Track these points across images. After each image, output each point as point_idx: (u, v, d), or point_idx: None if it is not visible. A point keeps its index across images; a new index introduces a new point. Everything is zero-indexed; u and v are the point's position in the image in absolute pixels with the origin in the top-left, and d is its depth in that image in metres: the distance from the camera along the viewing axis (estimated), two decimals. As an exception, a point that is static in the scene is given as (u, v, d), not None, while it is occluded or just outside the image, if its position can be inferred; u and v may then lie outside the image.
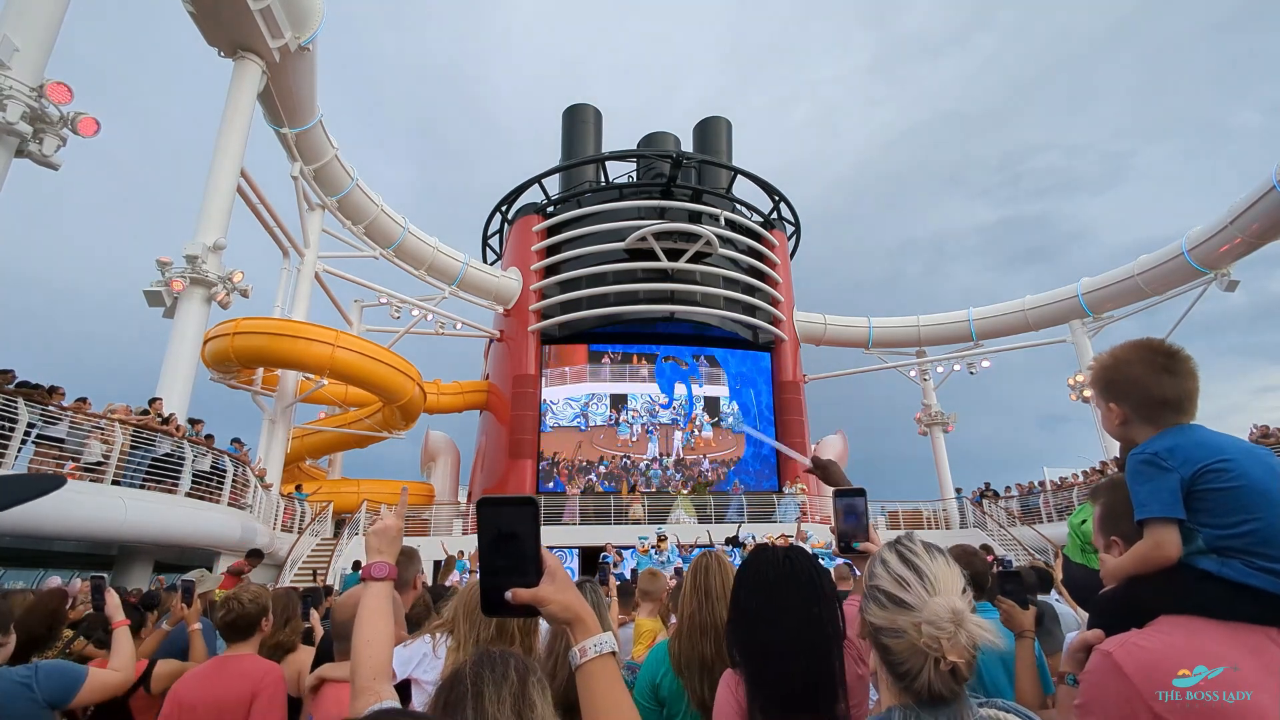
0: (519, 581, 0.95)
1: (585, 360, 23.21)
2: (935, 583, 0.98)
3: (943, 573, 1.00)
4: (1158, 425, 1.32)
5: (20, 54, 9.02)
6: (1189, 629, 1.11)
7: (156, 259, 12.36)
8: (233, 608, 2.50)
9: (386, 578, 1.45)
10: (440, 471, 25.41)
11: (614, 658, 0.98)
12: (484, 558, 0.97)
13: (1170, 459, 1.23)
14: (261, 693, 2.29)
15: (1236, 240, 18.24)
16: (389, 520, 1.57)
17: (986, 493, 21.37)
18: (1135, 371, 1.35)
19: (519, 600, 0.95)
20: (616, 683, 0.97)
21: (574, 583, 1.06)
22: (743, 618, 1.46)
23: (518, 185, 26.05)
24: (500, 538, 0.96)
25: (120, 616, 2.68)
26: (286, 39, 14.36)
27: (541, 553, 0.97)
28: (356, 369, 17.14)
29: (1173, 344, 1.36)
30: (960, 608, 0.94)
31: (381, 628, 1.34)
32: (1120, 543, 1.34)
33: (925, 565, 1.00)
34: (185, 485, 10.48)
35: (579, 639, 0.97)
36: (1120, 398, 1.37)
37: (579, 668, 0.96)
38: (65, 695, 2.10)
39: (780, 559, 1.50)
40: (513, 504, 0.97)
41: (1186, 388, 1.31)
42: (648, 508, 18.91)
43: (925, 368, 27.37)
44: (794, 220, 27.47)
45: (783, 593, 1.42)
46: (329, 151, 18.35)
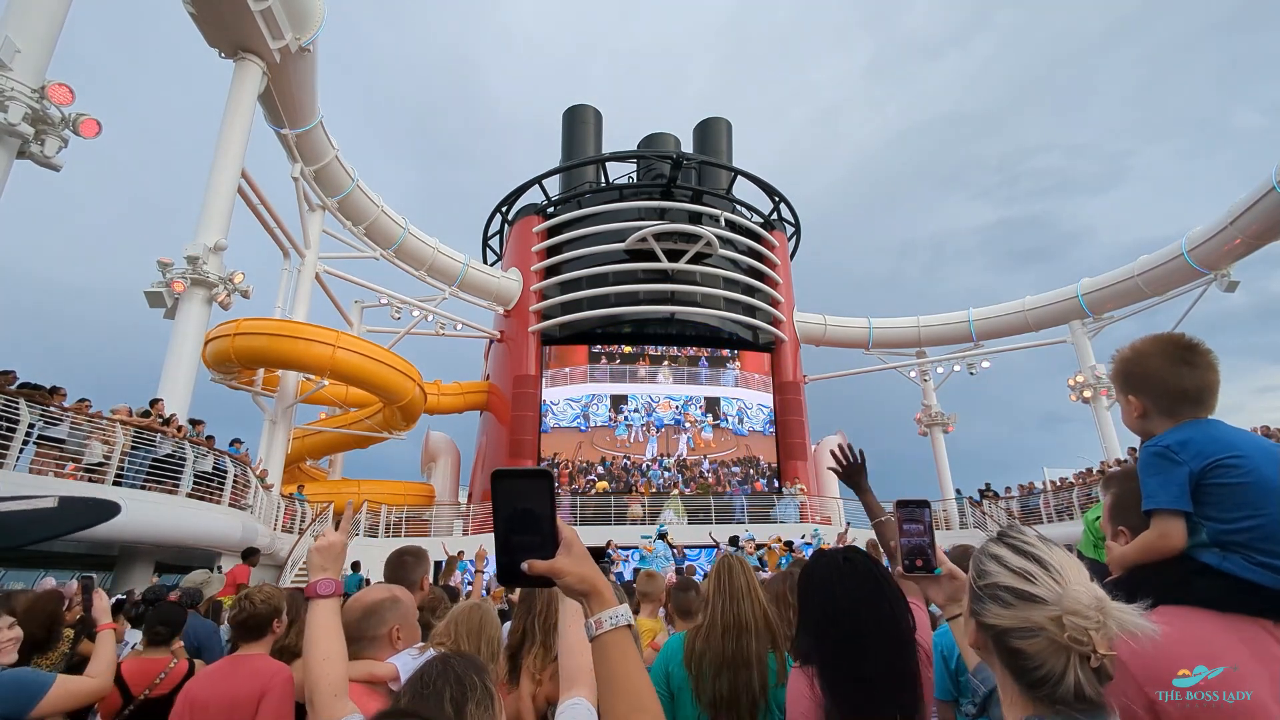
0: (535, 553, 0.95)
1: (586, 361, 23.22)
2: (1063, 572, 0.89)
3: (1067, 561, 0.91)
4: (1176, 418, 1.31)
5: (22, 55, 9.03)
6: (1187, 620, 1.11)
7: (157, 260, 12.36)
8: (244, 608, 2.50)
9: (332, 594, 1.43)
10: (440, 472, 25.40)
11: (630, 630, 0.97)
12: (500, 530, 0.96)
13: (1182, 452, 1.23)
14: (270, 692, 2.29)
15: (1236, 241, 18.25)
16: (332, 536, 1.54)
17: (986, 493, 21.39)
18: (1154, 364, 1.34)
19: (535, 572, 0.94)
20: (632, 655, 0.96)
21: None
22: (815, 617, 1.46)
23: (518, 186, 26.07)
24: (516, 510, 0.96)
25: (107, 619, 2.64)
26: (287, 40, 14.37)
27: (558, 524, 0.96)
28: (357, 370, 17.15)
29: (1193, 337, 1.35)
30: (1103, 594, 0.85)
31: (335, 644, 1.31)
32: (1127, 532, 1.34)
33: (1046, 555, 0.91)
34: (186, 486, 10.48)
35: (595, 611, 0.96)
36: (1139, 390, 1.37)
37: (595, 639, 0.96)
38: (21, 708, 2.03)
39: (841, 560, 1.51)
40: (527, 476, 0.97)
41: (1206, 380, 1.30)
42: (647, 508, 18.91)
43: (925, 368, 27.38)
44: (794, 221, 27.48)
45: (852, 591, 1.43)
46: (329, 152, 18.36)
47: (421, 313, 23.01)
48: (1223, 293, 19.73)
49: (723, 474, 22.34)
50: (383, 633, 1.92)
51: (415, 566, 2.66)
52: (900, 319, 26.89)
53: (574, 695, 1.20)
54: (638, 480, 21.52)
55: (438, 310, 23.36)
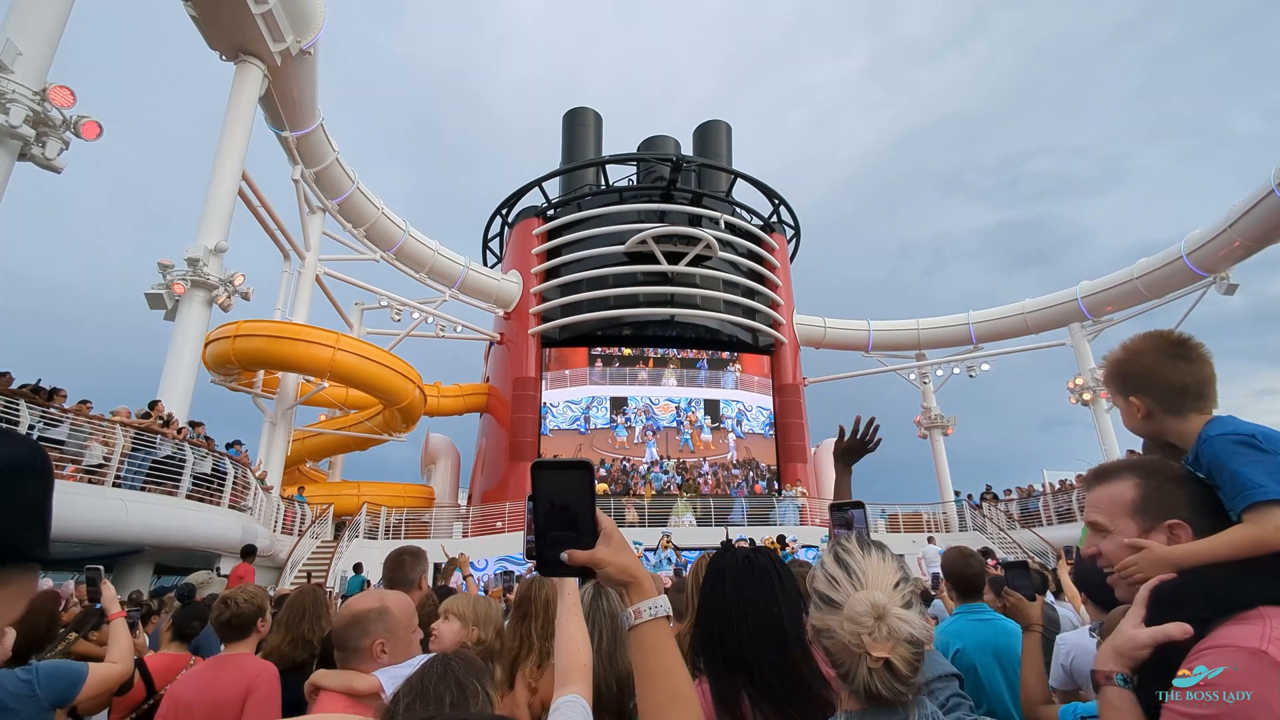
0: (575, 544, 0.96)
1: (585, 363, 23.22)
2: (863, 578, 0.96)
3: (873, 567, 0.97)
4: (1182, 416, 1.27)
5: (23, 57, 9.06)
6: None
7: (158, 261, 12.39)
8: (228, 608, 2.52)
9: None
10: (440, 474, 25.40)
11: (668, 621, 0.98)
12: (539, 522, 0.97)
13: (1267, 442, 1.14)
14: (255, 690, 2.30)
15: (1235, 244, 18.27)
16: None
17: (987, 495, 21.39)
18: (1150, 361, 1.30)
19: (576, 562, 0.95)
20: (670, 646, 0.96)
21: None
22: (705, 622, 1.44)
23: (518, 188, 26.09)
24: (555, 502, 0.97)
25: (116, 608, 2.68)
26: (288, 43, 14.41)
27: (597, 515, 0.98)
28: (357, 371, 17.16)
29: (1182, 332, 1.33)
30: (880, 601, 0.92)
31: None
32: (1186, 528, 1.16)
33: (855, 561, 0.99)
34: (186, 487, 10.49)
35: (634, 600, 0.97)
36: (1139, 390, 1.32)
37: (633, 628, 0.96)
38: (67, 695, 2.10)
39: (741, 559, 1.49)
40: (568, 467, 0.99)
41: (1204, 373, 1.27)
42: (648, 510, 18.89)
43: (925, 371, 27.39)
44: (794, 223, 27.51)
45: (741, 591, 1.41)
46: (330, 155, 18.39)
47: (421, 315, 23.03)
48: (1222, 295, 19.73)
49: (722, 476, 22.33)
50: (365, 644, 1.85)
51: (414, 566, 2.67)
52: (900, 321, 26.90)
53: (568, 692, 1.20)
54: (637, 483, 21.51)
55: (438, 312, 23.38)
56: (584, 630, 1.32)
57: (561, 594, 1.38)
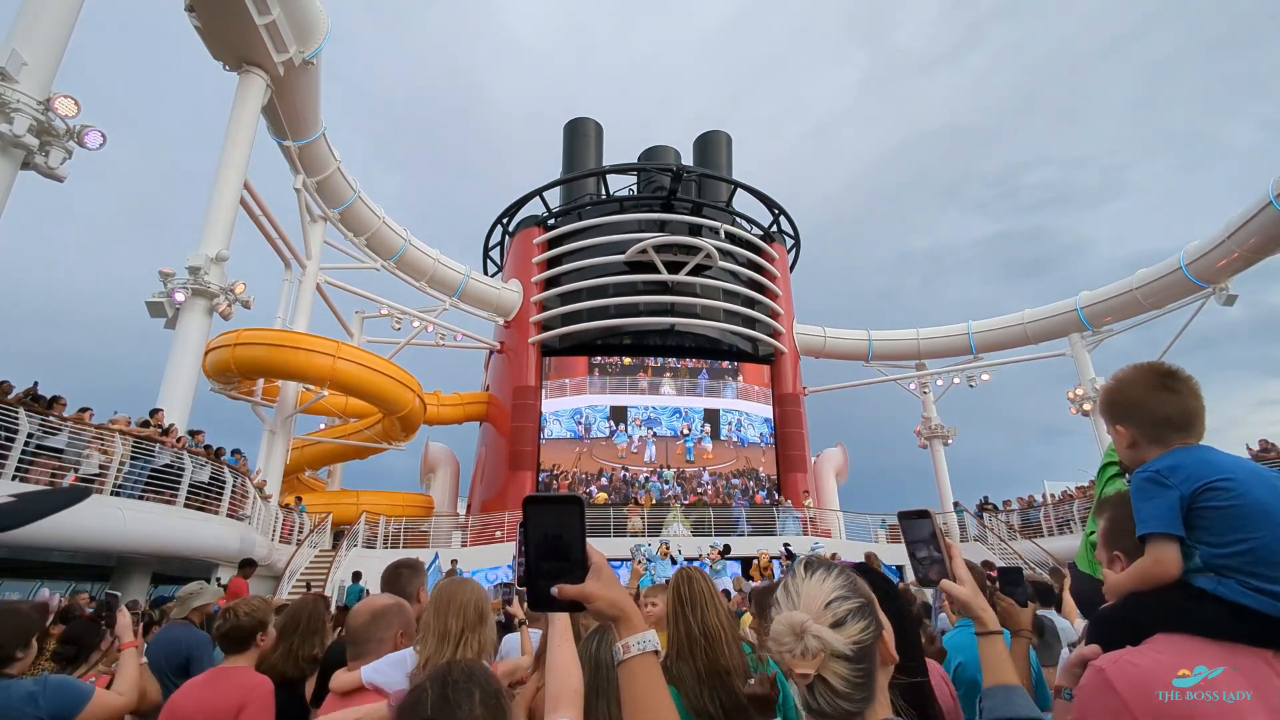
0: (565, 578, 0.96)
1: (585, 372, 23.21)
2: (798, 599, 0.97)
3: (809, 589, 0.98)
4: (1165, 445, 1.31)
5: (28, 67, 9.13)
6: (1182, 648, 1.09)
7: (159, 270, 12.42)
8: (228, 619, 2.50)
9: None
10: (440, 483, 25.31)
11: (656, 656, 0.99)
12: (530, 555, 0.98)
13: (1172, 476, 1.23)
14: (249, 704, 2.28)
15: (1234, 255, 18.32)
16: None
17: (985, 506, 21.31)
18: (1136, 392, 1.36)
19: (565, 596, 0.95)
20: (658, 681, 0.97)
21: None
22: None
23: (519, 198, 26.19)
24: (547, 535, 0.98)
25: (129, 637, 2.64)
26: (291, 53, 14.52)
27: (587, 549, 0.98)
28: (357, 380, 17.15)
29: (1173, 364, 1.38)
30: (799, 619, 0.92)
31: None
32: (1123, 558, 1.33)
33: (796, 584, 1.00)
34: (184, 496, 10.45)
35: (623, 635, 0.98)
36: (1125, 419, 1.39)
37: (621, 664, 0.97)
38: (69, 713, 2.07)
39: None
40: (559, 502, 0.99)
41: (1189, 406, 1.31)
42: (647, 519, 18.80)
43: (925, 380, 27.38)
44: (794, 233, 27.58)
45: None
46: (331, 164, 18.48)
47: (422, 323, 23.04)
48: (1221, 306, 19.78)
49: (721, 486, 22.26)
50: (389, 635, 2.03)
51: (412, 579, 2.65)
52: (900, 331, 26.93)
53: (558, 717, 1.21)
54: (637, 492, 21.44)
55: (438, 321, 23.41)
56: (574, 655, 1.33)
57: (552, 621, 1.39)
